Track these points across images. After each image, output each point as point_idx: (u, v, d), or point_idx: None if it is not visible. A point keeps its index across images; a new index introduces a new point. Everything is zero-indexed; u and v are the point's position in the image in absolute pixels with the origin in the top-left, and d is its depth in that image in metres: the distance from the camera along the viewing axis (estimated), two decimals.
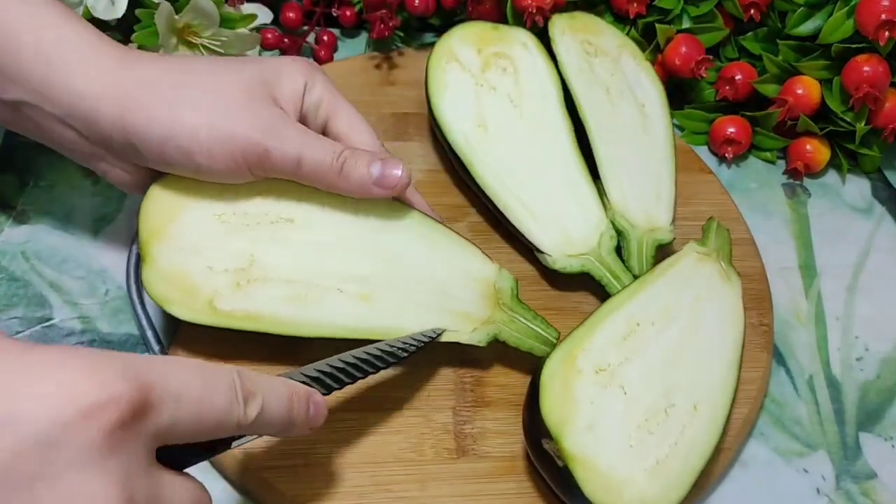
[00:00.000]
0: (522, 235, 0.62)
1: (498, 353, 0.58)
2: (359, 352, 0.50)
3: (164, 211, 0.53)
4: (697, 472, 0.51)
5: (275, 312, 0.53)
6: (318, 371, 0.48)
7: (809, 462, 0.59)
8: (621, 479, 0.49)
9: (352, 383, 0.49)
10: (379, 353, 0.51)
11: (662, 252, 0.62)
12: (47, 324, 0.57)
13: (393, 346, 0.51)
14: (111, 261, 0.61)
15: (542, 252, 0.61)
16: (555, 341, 0.55)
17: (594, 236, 0.61)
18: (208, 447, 0.41)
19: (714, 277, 0.58)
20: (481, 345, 0.55)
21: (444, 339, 0.54)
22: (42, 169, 0.64)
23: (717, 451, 0.54)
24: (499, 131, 0.64)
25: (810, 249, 0.70)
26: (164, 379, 0.37)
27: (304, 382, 0.47)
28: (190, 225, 0.53)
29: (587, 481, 0.49)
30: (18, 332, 0.57)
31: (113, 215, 0.63)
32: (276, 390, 0.42)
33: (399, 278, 0.55)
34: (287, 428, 0.43)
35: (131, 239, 0.60)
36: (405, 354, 0.52)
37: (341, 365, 0.49)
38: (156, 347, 0.56)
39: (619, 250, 0.62)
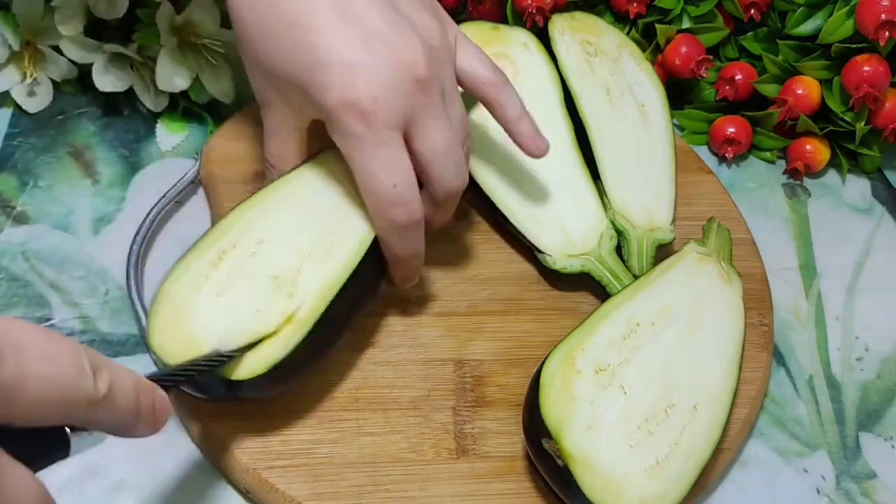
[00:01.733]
0: (522, 236, 0.62)
1: (498, 353, 0.59)
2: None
3: None
4: (698, 472, 0.51)
5: None
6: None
7: (809, 462, 0.59)
8: (621, 478, 0.49)
9: None
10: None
11: (663, 252, 0.62)
12: (47, 324, 0.57)
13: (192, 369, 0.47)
14: (111, 261, 0.60)
15: (541, 252, 0.61)
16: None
17: (594, 236, 0.61)
18: (45, 451, 0.36)
19: (714, 278, 0.58)
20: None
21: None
22: (42, 169, 0.64)
23: (717, 451, 0.54)
24: (498, 131, 0.64)
25: (810, 249, 0.70)
26: (5, 331, 0.33)
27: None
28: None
29: (587, 481, 0.49)
30: None
31: (113, 215, 0.63)
32: (121, 372, 0.38)
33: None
34: (134, 419, 0.39)
35: (131, 239, 0.60)
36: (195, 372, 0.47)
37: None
38: None
39: (619, 250, 0.62)
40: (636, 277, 0.59)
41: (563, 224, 0.62)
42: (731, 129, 0.73)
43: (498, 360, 0.58)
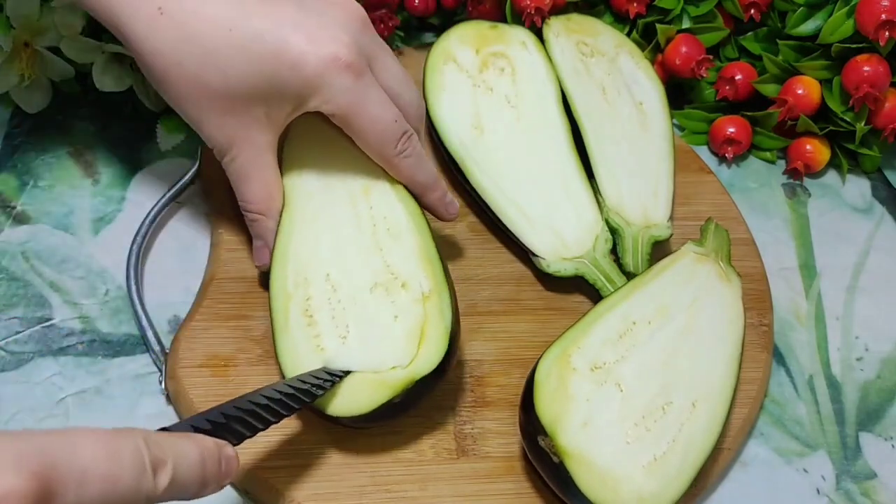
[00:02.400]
0: (517, 238, 0.62)
1: (498, 353, 0.59)
2: (269, 390, 0.47)
3: None
4: (696, 469, 0.51)
5: None
6: (227, 416, 0.44)
7: (809, 462, 0.59)
8: (618, 475, 0.49)
9: (264, 429, 0.46)
10: (291, 390, 0.48)
11: (660, 250, 0.62)
12: (47, 324, 0.57)
13: (305, 384, 0.49)
14: (111, 261, 0.60)
15: (536, 255, 0.61)
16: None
17: (589, 239, 0.61)
18: None
19: (713, 277, 0.58)
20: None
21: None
22: (42, 169, 0.64)
23: (717, 450, 0.54)
24: (495, 133, 0.64)
25: (810, 249, 0.70)
26: (67, 460, 0.33)
27: (211, 429, 0.44)
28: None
29: (583, 477, 0.49)
30: (18, 332, 0.57)
31: (113, 215, 0.63)
32: (186, 453, 0.39)
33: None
34: (199, 490, 0.40)
35: (131, 239, 0.60)
36: (320, 392, 0.49)
37: (251, 407, 0.46)
38: (156, 347, 0.56)
39: (615, 249, 0.62)
40: (631, 277, 0.60)
41: (558, 227, 0.62)
42: (731, 129, 0.73)
43: (498, 361, 0.58)
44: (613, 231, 0.62)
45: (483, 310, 0.60)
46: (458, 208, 0.59)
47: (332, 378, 0.50)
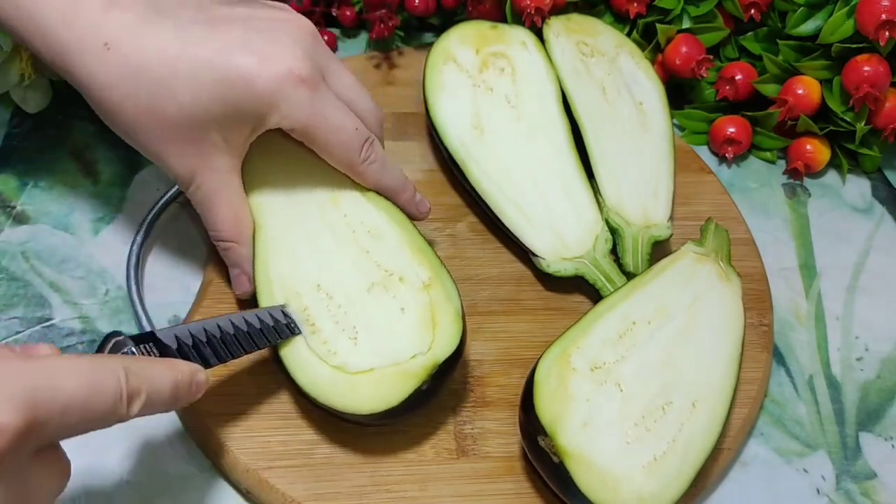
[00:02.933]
0: (517, 238, 0.62)
1: (498, 353, 0.59)
2: (249, 315, 0.51)
3: None
4: (696, 469, 0.51)
5: None
6: (210, 334, 0.49)
7: (809, 462, 0.59)
8: (618, 475, 0.49)
9: (240, 354, 0.50)
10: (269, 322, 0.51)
11: (661, 249, 0.62)
12: (47, 324, 0.57)
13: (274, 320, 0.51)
14: (111, 261, 0.60)
15: (536, 255, 0.61)
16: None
17: (589, 239, 0.61)
18: None
19: (713, 277, 0.58)
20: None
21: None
22: (42, 169, 0.64)
23: (717, 450, 0.54)
24: (495, 133, 0.64)
25: (810, 249, 0.70)
26: (51, 395, 0.37)
27: (193, 344, 0.48)
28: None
29: (583, 477, 0.49)
30: (18, 332, 0.57)
31: (113, 215, 0.63)
32: (161, 381, 0.43)
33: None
34: (166, 409, 0.44)
35: (131, 239, 0.60)
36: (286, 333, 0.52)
37: (232, 330, 0.50)
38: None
39: (614, 249, 0.62)
40: (631, 277, 0.60)
41: (558, 227, 0.62)
42: (731, 129, 0.73)
43: (498, 361, 0.58)
44: (613, 231, 0.62)
45: (483, 310, 0.60)
46: (429, 206, 0.59)
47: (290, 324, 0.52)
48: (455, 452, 0.54)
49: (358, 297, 0.53)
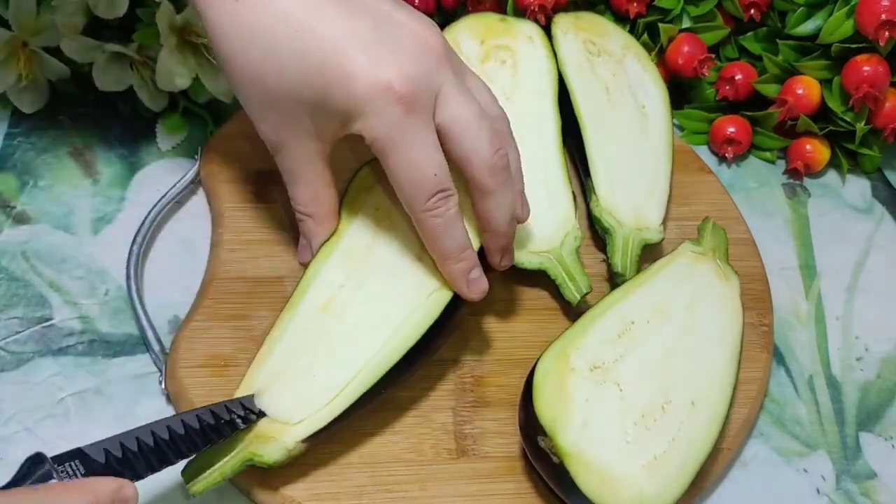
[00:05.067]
0: None
1: (498, 353, 0.59)
2: (176, 421, 0.47)
3: None
4: (697, 468, 0.51)
5: None
6: (142, 442, 0.45)
7: (809, 462, 0.59)
8: (618, 474, 0.49)
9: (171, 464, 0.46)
10: (200, 424, 0.47)
11: (659, 250, 0.62)
12: (47, 324, 0.57)
13: (216, 418, 0.48)
14: (111, 261, 0.60)
15: None
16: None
17: (559, 235, 0.61)
18: None
19: (711, 276, 0.58)
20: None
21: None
22: (42, 169, 0.64)
23: (717, 450, 0.54)
24: None
25: (810, 249, 0.70)
26: None
27: (123, 456, 0.44)
28: None
29: (583, 477, 0.49)
30: (18, 332, 0.57)
31: (113, 215, 0.63)
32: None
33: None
34: None
35: (131, 239, 0.60)
36: (228, 430, 0.48)
37: (167, 436, 0.46)
38: (156, 347, 0.56)
39: (604, 248, 0.62)
40: (616, 278, 0.59)
41: (532, 220, 0.61)
42: (731, 129, 0.73)
43: (498, 360, 0.58)
44: (605, 231, 0.62)
45: (483, 309, 0.60)
46: (484, 289, 0.54)
47: (247, 415, 0.49)
48: (455, 452, 0.54)
49: None
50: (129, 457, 0.44)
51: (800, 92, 0.71)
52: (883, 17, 0.66)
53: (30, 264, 0.60)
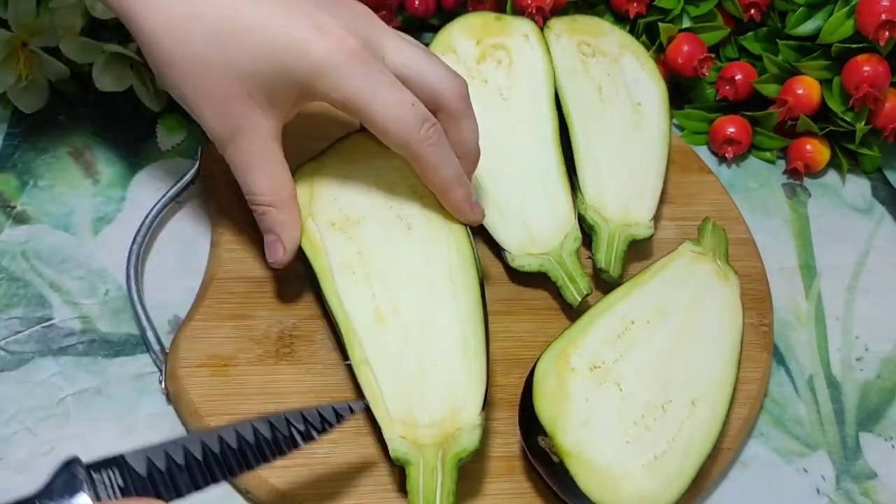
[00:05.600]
0: (489, 232, 0.61)
1: (498, 353, 0.59)
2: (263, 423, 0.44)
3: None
4: (696, 468, 0.51)
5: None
6: (190, 455, 0.42)
7: (809, 462, 0.59)
8: (618, 474, 0.49)
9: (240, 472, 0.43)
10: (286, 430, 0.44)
11: (659, 250, 0.62)
12: (47, 324, 0.57)
13: (307, 420, 0.45)
14: (111, 261, 0.60)
15: (503, 249, 0.61)
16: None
17: (558, 236, 0.61)
18: None
19: (711, 276, 0.58)
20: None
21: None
22: (42, 169, 0.64)
23: (717, 450, 0.54)
24: (482, 125, 0.64)
25: (810, 249, 0.70)
26: None
27: (167, 469, 0.41)
28: None
29: (583, 477, 0.49)
30: (18, 332, 0.57)
31: (113, 215, 0.63)
32: None
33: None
34: None
35: (131, 239, 0.60)
36: (316, 434, 0.46)
37: (218, 449, 0.42)
38: (156, 347, 0.56)
39: (589, 245, 0.62)
40: (602, 275, 0.59)
41: (529, 222, 0.61)
42: (731, 129, 0.73)
43: (498, 360, 0.58)
44: (590, 228, 0.62)
45: None
46: (483, 213, 0.57)
47: (329, 420, 0.46)
48: None
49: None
50: (174, 470, 0.41)
51: (800, 92, 0.71)
52: (883, 17, 0.66)
53: (30, 264, 0.60)
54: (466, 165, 0.56)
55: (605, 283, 0.60)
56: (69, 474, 0.39)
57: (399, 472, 0.51)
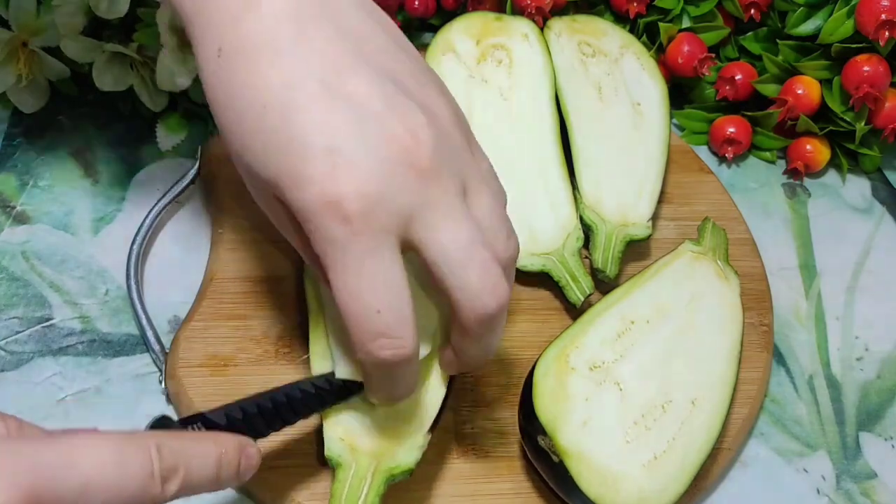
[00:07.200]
0: None
1: (498, 353, 0.58)
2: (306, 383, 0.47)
3: None
4: (697, 468, 0.51)
5: None
6: (260, 406, 0.45)
7: (809, 462, 0.59)
8: (618, 473, 0.49)
9: (294, 421, 0.47)
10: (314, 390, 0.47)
11: (659, 250, 0.62)
12: (47, 324, 0.57)
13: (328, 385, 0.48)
14: (111, 261, 0.60)
15: None
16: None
17: (560, 236, 0.61)
18: None
19: (711, 276, 0.58)
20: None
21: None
22: (42, 169, 0.64)
23: (717, 450, 0.54)
24: (482, 126, 0.64)
25: (810, 249, 0.70)
26: (64, 474, 0.33)
27: (242, 419, 0.44)
28: None
29: (583, 476, 0.49)
30: (18, 332, 0.57)
31: (113, 215, 0.63)
32: (201, 455, 0.39)
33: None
34: (212, 488, 0.40)
35: (131, 239, 0.60)
36: (345, 395, 0.48)
37: (284, 399, 0.46)
38: (156, 347, 0.56)
39: (587, 245, 0.62)
40: (598, 275, 0.59)
41: (532, 222, 0.61)
42: (731, 129, 0.73)
43: (498, 361, 0.58)
44: (588, 227, 0.62)
45: None
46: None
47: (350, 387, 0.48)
48: (455, 452, 0.54)
49: None
50: (250, 418, 0.45)
51: (800, 92, 0.71)
52: (883, 17, 0.66)
53: (30, 264, 0.60)
54: (454, 368, 0.49)
55: (603, 283, 0.60)
56: (162, 427, 0.42)
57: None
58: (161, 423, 0.42)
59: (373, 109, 0.41)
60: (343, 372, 0.48)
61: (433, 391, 0.50)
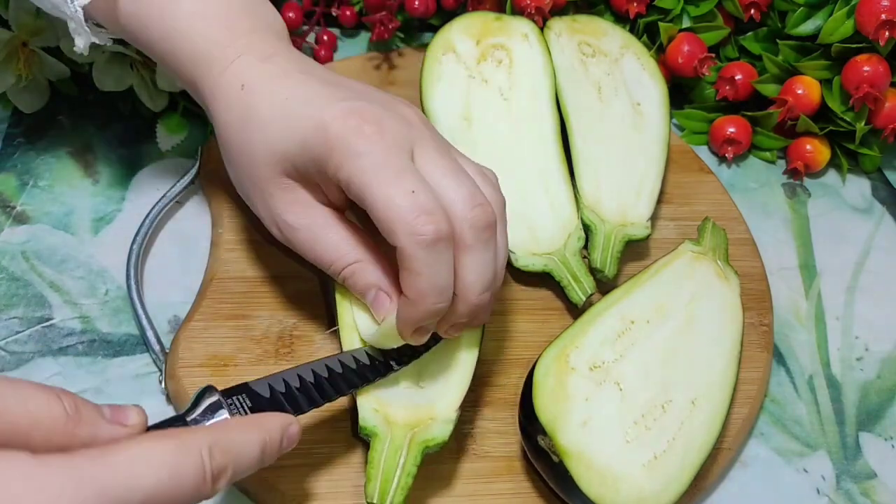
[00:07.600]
0: None
1: (498, 353, 0.59)
2: (348, 357, 0.50)
3: None
4: (697, 468, 0.51)
5: None
6: (304, 379, 0.48)
7: (809, 462, 0.59)
8: (618, 473, 0.49)
9: (334, 397, 0.49)
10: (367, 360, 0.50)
11: (659, 250, 0.62)
12: (47, 324, 0.57)
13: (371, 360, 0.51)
14: (111, 261, 0.61)
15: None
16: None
17: (562, 236, 0.61)
18: None
19: (710, 276, 0.58)
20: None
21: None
22: (42, 169, 0.64)
23: (717, 450, 0.54)
24: (483, 125, 0.64)
25: (810, 249, 0.70)
26: (129, 493, 0.35)
27: (286, 391, 0.47)
28: None
29: (583, 476, 0.49)
30: (18, 332, 0.57)
31: (113, 215, 0.63)
32: (248, 450, 0.41)
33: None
34: (255, 470, 0.42)
35: (131, 239, 0.60)
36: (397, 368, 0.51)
37: (326, 373, 0.49)
38: (156, 347, 0.56)
39: (586, 245, 0.62)
40: (597, 275, 0.59)
41: (533, 222, 0.61)
42: (731, 129, 0.73)
43: (498, 361, 0.58)
44: (587, 227, 0.62)
45: None
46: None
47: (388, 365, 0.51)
48: (455, 452, 0.54)
49: None
50: (293, 392, 0.47)
51: (800, 92, 0.71)
52: (883, 17, 0.66)
53: (30, 264, 0.60)
54: (458, 306, 0.48)
55: (602, 283, 0.60)
56: (208, 397, 0.45)
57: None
58: (206, 393, 0.45)
59: (365, 91, 0.51)
60: (369, 335, 0.51)
61: (460, 368, 0.52)
